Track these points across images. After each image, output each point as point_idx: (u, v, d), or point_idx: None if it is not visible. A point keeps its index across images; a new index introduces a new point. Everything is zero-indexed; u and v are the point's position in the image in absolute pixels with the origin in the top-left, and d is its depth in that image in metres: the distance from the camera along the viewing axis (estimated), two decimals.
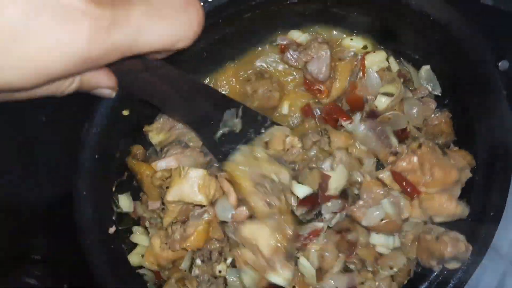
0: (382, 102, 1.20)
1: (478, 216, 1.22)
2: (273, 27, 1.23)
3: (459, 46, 1.12)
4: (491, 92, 1.15)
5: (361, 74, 1.22)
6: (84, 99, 1.13)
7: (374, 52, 1.23)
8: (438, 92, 1.26)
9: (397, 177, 1.14)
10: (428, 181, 1.14)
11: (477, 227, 1.22)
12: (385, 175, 1.16)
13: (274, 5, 1.11)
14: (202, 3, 0.99)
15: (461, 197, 1.22)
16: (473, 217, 1.22)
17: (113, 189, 1.19)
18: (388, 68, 1.25)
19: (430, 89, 1.26)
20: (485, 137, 1.20)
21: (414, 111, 1.22)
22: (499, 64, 1.31)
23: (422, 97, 1.25)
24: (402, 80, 1.24)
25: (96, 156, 1.05)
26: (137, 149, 1.20)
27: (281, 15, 1.17)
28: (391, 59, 1.26)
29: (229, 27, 1.13)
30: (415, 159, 1.14)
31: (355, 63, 1.24)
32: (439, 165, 1.14)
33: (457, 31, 1.10)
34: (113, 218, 1.19)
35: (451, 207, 1.16)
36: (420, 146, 1.15)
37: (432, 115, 1.26)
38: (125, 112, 1.08)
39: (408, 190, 1.15)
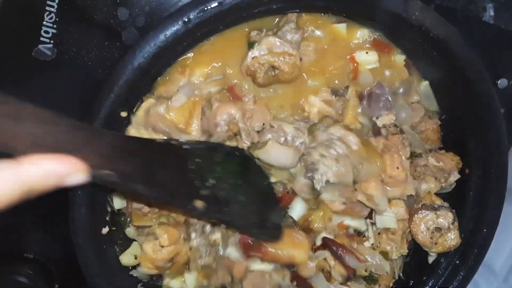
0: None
1: (471, 232, 1.23)
2: None
3: (457, 64, 1.12)
4: (488, 111, 1.15)
5: (352, 75, 1.22)
6: (84, 99, 1.16)
7: (367, 52, 1.21)
8: (434, 108, 1.27)
9: None
10: None
11: (470, 243, 1.23)
12: None
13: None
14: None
15: (456, 212, 1.24)
16: (466, 233, 1.23)
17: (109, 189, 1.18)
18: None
19: (426, 105, 1.26)
20: (481, 155, 1.20)
21: (403, 115, 1.23)
22: (498, 82, 1.33)
23: (412, 103, 1.25)
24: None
25: None
26: None
27: None
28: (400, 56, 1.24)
29: None
30: (381, 142, 1.19)
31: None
32: (393, 157, 1.18)
33: (455, 48, 1.10)
34: (107, 218, 1.19)
35: (371, 187, 1.17)
36: (395, 134, 1.20)
37: (422, 122, 1.26)
38: (123, 114, 1.09)
39: None
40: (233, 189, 1.04)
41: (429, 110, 1.27)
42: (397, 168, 1.17)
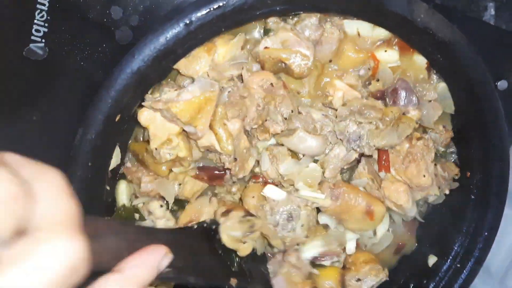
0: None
1: (472, 235, 1.24)
2: None
3: (460, 67, 1.12)
4: (490, 115, 1.15)
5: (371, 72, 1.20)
6: (77, 99, 1.13)
7: (385, 51, 1.18)
8: (450, 110, 1.24)
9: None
10: (400, 168, 1.18)
11: (471, 247, 1.24)
12: None
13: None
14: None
15: (457, 215, 1.25)
16: (467, 237, 1.24)
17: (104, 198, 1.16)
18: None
19: (443, 107, 1.23)
20: (482, 159, 1.20)
21: (424, 112, 1.21)
22: (498, 83, 1.32)
23: (430, 101, 1.23)
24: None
25: (89, 163, 1.02)
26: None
27: None
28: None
29: None
30: (406, 146, 1.18)
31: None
32: (419, 165, 1.17)
33: (459, 51, 1.10)
34: None
35: (401, 197, 1.18)
36: (420, 138, 1.18)
37: (436, 133, 1.25)
38: (117, 118, 1.06)
39: (383, 163, 1.19)
40: (254, 261, 1.11)
41: (445, 111, 1.24)
42: (424, 176, 1.17)
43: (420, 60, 1.19)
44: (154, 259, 0.64)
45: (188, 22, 0.96)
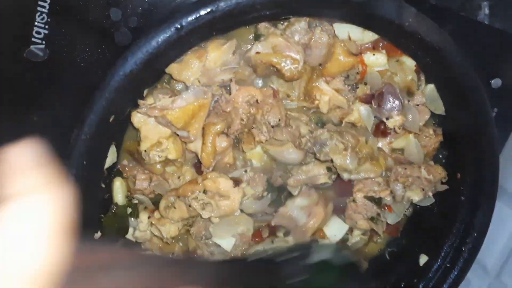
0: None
1: (462, 236, 1.25)
2: None
3: (450, 71, 1.13)
4: (480, 120, 1.16)
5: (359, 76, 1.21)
6: (76, 100, 1.16)
7: (374, 54, 1.19)
8: (440, 111, 1.25)
9: None
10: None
11: (461, 247, 1.25)
12: None
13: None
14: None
15: (448, 216, 1.27)
16: (457, 237, 1.25)
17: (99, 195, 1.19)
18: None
19: (432, 108, 1.25)
20: (473, 161, 1.21)
21: (410, 117, 1.22)
22: (492, 81, 1.32)
23: (418, 105, 1.24)
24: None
25: (84, 162, 1.05)
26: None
27: None
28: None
29: None
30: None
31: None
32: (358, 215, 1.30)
33: (448, 56, 1.10)
34: (99, 224, 1.18)
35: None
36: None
37: (426, 138, 1.26)
38: (111, 119, 1.08)
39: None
40: None
41: (434, 113, 1.26)
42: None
43: (409, 62, 1.20)
44: None
45: (179, 26, 0.99)
